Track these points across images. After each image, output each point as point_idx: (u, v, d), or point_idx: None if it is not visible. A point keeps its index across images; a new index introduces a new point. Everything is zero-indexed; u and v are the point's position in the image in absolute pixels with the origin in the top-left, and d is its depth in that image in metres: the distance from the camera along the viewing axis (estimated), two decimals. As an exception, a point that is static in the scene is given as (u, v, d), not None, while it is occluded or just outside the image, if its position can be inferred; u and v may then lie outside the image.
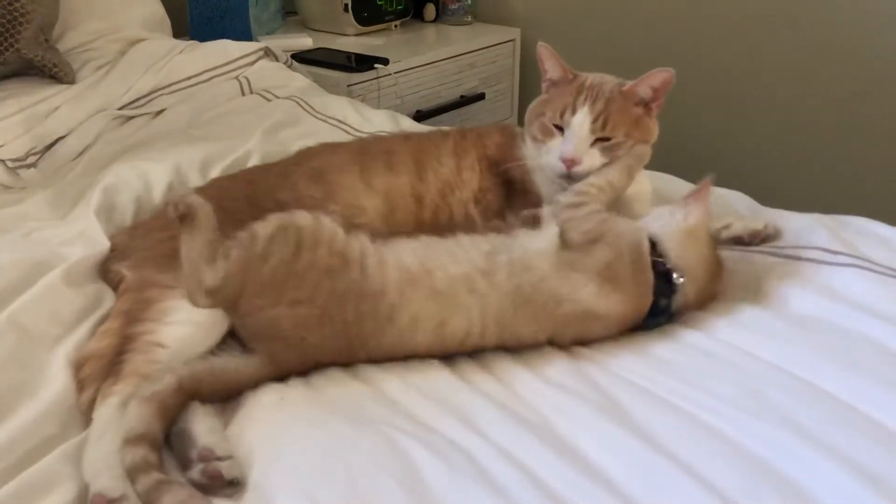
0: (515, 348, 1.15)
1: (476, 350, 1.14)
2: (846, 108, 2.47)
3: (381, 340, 1.10)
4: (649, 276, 1.15)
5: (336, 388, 1.08)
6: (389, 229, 1.30)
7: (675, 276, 1.16)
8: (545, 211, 1.26)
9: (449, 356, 1.13)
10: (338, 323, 1.08)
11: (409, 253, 1.12)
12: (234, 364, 1.09)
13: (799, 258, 1.33)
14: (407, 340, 1.11)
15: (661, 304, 1.16)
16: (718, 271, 1.22)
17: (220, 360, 1.09)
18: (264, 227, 1.09)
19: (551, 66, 1.39)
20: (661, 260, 1.16)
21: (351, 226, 1.16)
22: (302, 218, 1.11)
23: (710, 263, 1.20)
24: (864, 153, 2.48)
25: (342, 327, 1.09)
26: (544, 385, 1.08)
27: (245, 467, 0.94)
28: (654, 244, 1.17)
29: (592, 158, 1.30)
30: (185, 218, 1.06)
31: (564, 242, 1.16)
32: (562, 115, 1.33)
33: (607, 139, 1.31)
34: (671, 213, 1.21)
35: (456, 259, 1.12)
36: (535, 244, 1.16)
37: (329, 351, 1.10)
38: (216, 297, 1.06)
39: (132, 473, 0.93)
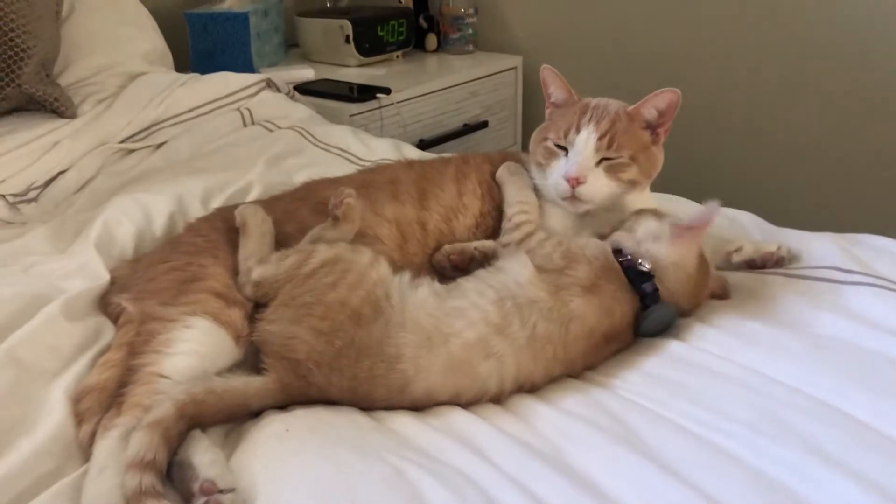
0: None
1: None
2: (858, 126, 2.46)
3: (392, 405, 1.08)
4: (621, 273, 1.18)
5: (342, 418, 1.05)
6: (403, 259, 1.28)
7: (639, 262, 1.18)
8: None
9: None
10: (347, 377, 1.06)
11: (424, 313, 1.09)
12: (239, 382, 1.07)
13: (813, 278, 1.31)
14: (419, 407, 1.08)
15: (646, 290, 1.18)
16: (702, 289, 1.24)
17: (222, 378, 1.07)
18: (323, 252, 1.16)
19: (556, 89, 1.37)
20: (622, 259, 1.19)
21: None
22: (360, 255, 1.16)
23: (695, 287, 1.22)
24: (877, 171, 2.47)
25: (351, 382, 1.06)
26: (555, 412, 1.06)
27: (249, 500, 0.91)
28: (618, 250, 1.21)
29: (597, 179, 1.28)
30: (241, 226, 1.23)
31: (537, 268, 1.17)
32: (566, 135, 1.31)
33: (612, 159, 1.29)
34: (655, 239, 1.21)
35: (470, 321, 1.09)
36: (523, 274, 1.15)
37: (334, 395, 1.08)
38: (259, 291, 1.15)
39: (136, 498, 0.90)
